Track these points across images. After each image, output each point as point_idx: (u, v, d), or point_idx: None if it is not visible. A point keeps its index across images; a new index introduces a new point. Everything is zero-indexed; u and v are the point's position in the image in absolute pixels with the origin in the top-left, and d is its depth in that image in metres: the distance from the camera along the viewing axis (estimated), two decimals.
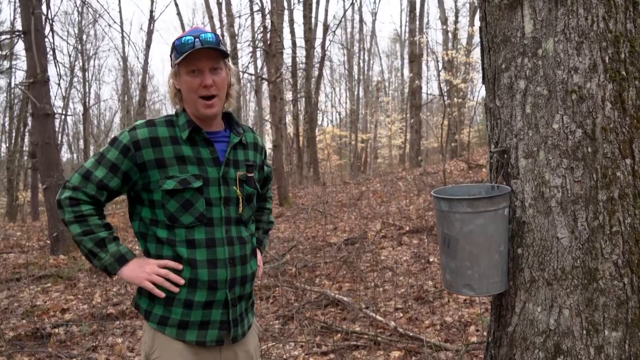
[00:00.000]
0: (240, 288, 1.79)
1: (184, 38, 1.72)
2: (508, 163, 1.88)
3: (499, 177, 1.91)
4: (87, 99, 25.88)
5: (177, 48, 1.74)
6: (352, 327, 4.37)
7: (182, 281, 1.71)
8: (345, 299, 4.92)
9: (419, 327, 4.30)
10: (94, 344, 4.22)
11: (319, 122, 31.38)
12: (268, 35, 11.73)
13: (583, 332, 1.72)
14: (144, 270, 1.71)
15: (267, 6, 12.69)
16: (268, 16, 12.02)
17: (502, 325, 1.91)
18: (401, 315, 4.63)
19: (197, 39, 1.71)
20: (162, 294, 1.71)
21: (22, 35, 7.05)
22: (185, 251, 1.71)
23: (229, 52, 1.80)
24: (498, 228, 1.75)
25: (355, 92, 29.55)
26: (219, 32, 20.00)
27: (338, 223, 8.96)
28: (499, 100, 1.91)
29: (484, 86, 2.06)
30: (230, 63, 1.86)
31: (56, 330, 4.55)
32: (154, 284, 1.70)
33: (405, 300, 4.96)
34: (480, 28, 2.02)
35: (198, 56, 1.72)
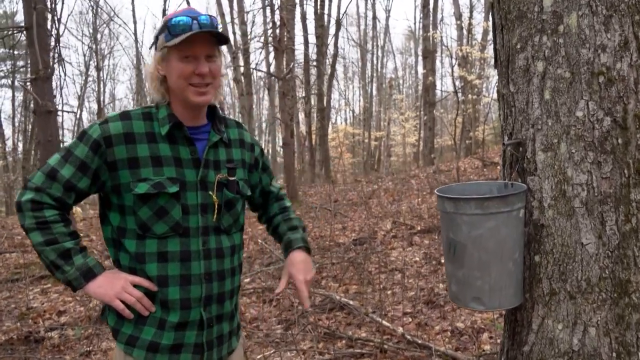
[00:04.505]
0: (217, 306, 1.58)
1: (178, 18, 1.49)
2: (524, 157, 1.63)
3: (514, 173, 1.66)
4: (103, 97, 26.02)
5: (170, 29, 1.50)
6: (358, 333, 4.14)
7: (153, 308, 1.52)
8: (351, 302, 4.69)
9: (429, 334, 4.06)
10: (88, 349, 4.05)
11: (333, 120, 31.17)
12: (277, 31, 11.52)
13: (612, 355, 1.47)
14: (114, 287, 1.50)
15: (277, 1, 12.49)
16: (277, 12, 11.81)
17: (516, 343, 1.66)
18: (410, 320, 4.39)
19: (195, 21, 1.49)
20: (132, 315, 1.52)
21: (24, 31, 6.91)
22: (156, 267, 1.51)
23: (228, 38, 1.58)
24: (512, 232, 1.51)
25: (369, 90, 29.25)
26: (230, 29, 19.86)
27: (348, 222, 8.72)
28: (513, 85, 1.67)
29: (496, 71, 1.81)
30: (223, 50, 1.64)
31: (50, 333, 4.39)
32: (125, 303, 1.49)
33: (415, 304, 4.71)
34: (492, 3, 1.78)
35: (195, 41, 1.49)
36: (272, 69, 18.72)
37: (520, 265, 1.57)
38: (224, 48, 1.65)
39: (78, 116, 24.62)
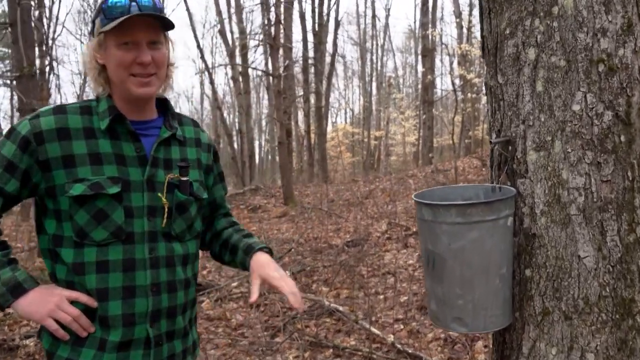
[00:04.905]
0: (168, 322, 1.40)
1: None
2: (513, 157, 1.44)
3: (502, 175, 1.47)
4: None
5: (106, 12, 1.32)
6: (347, 341, 3.95)
7: (92, 328, 1.33)
8: (340, 308, 4.49)
9: (421, 342, 3.86)
10: None
11: (333, 120, 31.01)
12: (272, 28, 11.32)
13: None
14: (46, 304, 1.31)
15: None
16: (273, 9, 11.63)
17: None
18: (402, 327, 4.20)
19: (133, 3, 1.31)
20: (67, 336, 1.33)
21: (8, 27, 6.73)
22: (95, 279, 1.32)
23: (173, 23, 1.38)
24: (499, 244, 1.31)
25: (368, 89, 29.07)
26: (227, 27, 19.67)
27: (343, 223, 8.53)
28: (501, 76, 1.47)
29: (484, 60, 1.62)
30: (170, 37, 1.44)
31: (25, 341, 4.20)
32: (60, 322, 1.30)
33: (407, 309, 4.52)
34: None
35: (134, 25, 1.31)
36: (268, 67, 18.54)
37: (508, 280, 1.37)
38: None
39: None
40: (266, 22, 11.38)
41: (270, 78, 16.10)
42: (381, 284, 5.28)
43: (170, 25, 1.38)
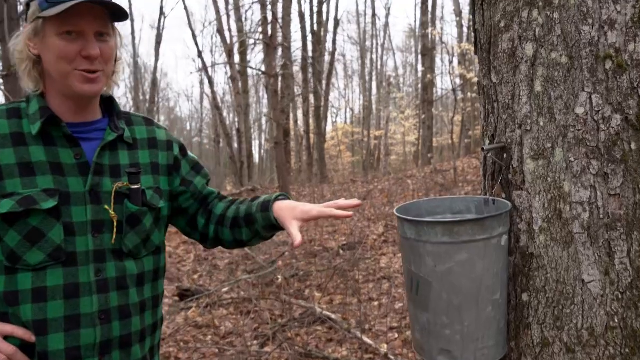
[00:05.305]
0: (121, 353, 1.23)
1: None
2: (509, 166, 1.27)
3: (496, 186, 1.31)
4: None
5: None
6: (339, 351, 3.79)
7: None
8: (333, 316, 4.33)
9: (415, 352, 3.70)
10: None
11: (333, 119, 30.86)
12: (269, 27, 11.16)
13: None
14: None
15: None
16: (270, 7, 11.46)
17: None
18: (396, 336, 4.03)
19: None
20: None
21: None
22: (31, 309, 1.15)
23: (127, 12, 1.22)
24: (491, 266, 1.15)
25: (369, 88, 28.91)
26: (225, 26, 19.49)
27: (339, 225, 8.36)
28: (495, 74, 1.31)
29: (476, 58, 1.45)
30: (118, 29, 1.28)
31: None
32: None
33: (402, 317, 4.36)
34: None
35: (81, 13, 1.15)
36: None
37: (502, 307, 1.21)
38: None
39: None
40: (262, 20, 11.21)
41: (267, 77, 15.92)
42: (376, 290, 5.12)
43: (124, 16, 1.22)
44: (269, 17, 11.07)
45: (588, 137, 1.15)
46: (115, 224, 1.21)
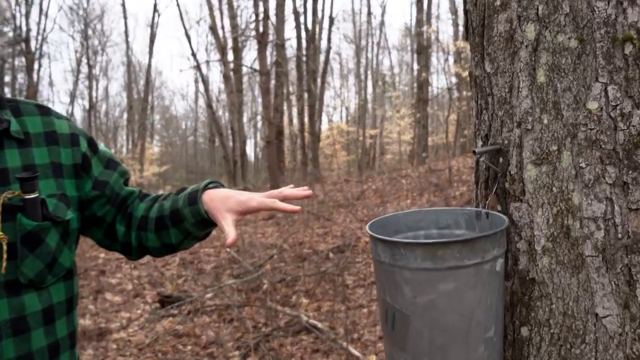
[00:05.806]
0: None
1: None
2: (505, 173, 1.05)
3: (490, 197, 1.09)
4: (96, 94, 25.90)
5: None
6: None
7: None
8: (319, 325, 4.12)
9: None
10: None
11: (329, 118, 30.66)
12: (261, 24, 10.92)
13: None
14: None
15: None
16: (261, 3, 11.22)
17: None
18: None
19: None
20: None
21: None
22: None
23: None
24: (484, 297, 0.93)
25: (364, 87, 28.71)
26: (219, 24, 19.23)
27: (331, 226, 8.14)
28: (489, 62, 1.09)
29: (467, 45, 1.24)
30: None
31: None
32: None
33: None
34: None
35: None
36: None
37: (497, 346, 0.99)
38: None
39: (70, 112, 24.36)
40: (255, 17, 10.97)
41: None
42: (366, 296, 4.90)
43: None
44: (261, 14, 10.83)
45: (603, 138, 0.94)
46: (4, 247, 0.94)
